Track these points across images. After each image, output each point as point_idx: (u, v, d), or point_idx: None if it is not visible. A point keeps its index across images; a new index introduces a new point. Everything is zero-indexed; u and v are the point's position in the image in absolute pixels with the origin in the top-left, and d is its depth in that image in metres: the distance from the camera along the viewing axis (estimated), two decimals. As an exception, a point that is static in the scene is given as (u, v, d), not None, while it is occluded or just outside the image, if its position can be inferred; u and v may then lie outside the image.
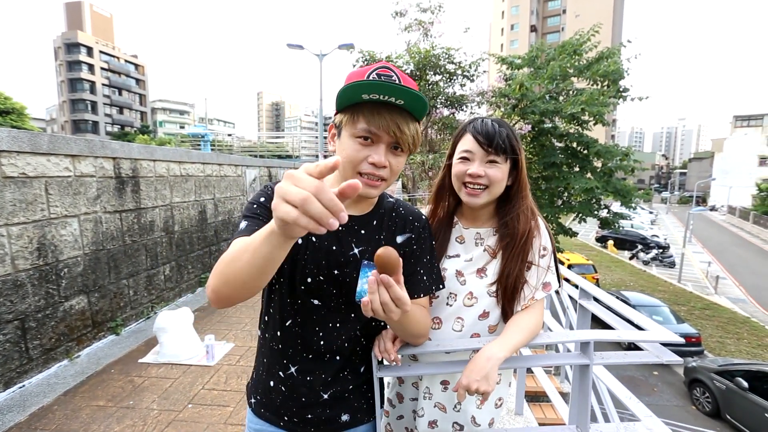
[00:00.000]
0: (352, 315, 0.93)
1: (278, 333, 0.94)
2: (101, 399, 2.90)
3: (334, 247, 0.90)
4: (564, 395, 3.07)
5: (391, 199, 1.01)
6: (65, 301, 3.48)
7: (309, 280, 0.90)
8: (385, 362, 1.03)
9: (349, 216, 0.92)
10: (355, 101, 0.80)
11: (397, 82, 0.81)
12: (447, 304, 1.11)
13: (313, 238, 0.90)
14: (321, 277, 0.90)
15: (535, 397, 3.54)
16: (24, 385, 3.04)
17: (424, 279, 0.97)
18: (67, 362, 3.42)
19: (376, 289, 0.71)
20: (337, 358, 0.95)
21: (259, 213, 0.85)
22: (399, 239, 0.95)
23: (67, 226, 3.52)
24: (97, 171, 3.86)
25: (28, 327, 3.12)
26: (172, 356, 3.47)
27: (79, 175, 3.64)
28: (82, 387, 3.07)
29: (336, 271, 0.90)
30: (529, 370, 3.24)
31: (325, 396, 0.95)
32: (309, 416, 0.95)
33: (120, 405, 2.82)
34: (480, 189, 1.05)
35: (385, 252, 0.71)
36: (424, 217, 1.03)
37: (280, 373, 0.95)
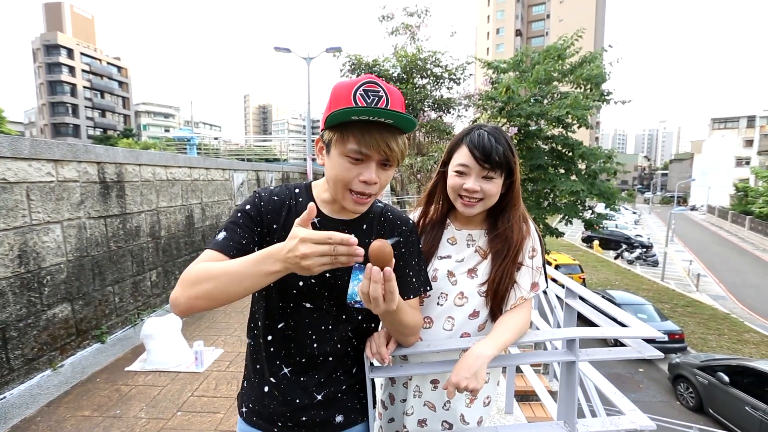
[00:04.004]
0: (343, 317, 0.95)
1: (270, 337, 0.94)
2: (87, 409, 2.84)
3: None
4: (553, 394, 3.12)
5: (379, 204, 1.02)
6: (48, 310, 3.40)
7: (300, 283, 0.91)
8: (377, 363, 1.05)
9: (339, 221, 0.94)
10: (344, 120, 0.81)
11: (383, 96, 0.82)
12: (438, 303, 1.13)
13: None
14: (312, 281, 0.91)
15: (525, 396, 3.59)
16: (5, 397, 2.95)
17: (413, 281, 0.99)
18: (51, 372, 3.34)
19: (377, 279, 0.74)
20: (330, 359, 0.96)
21: (241, 222, 0.89)
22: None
23: (50, 233, 3.44)
24: (80, 176, 3.79)
25: (9, 337, 3.04)
26: (160, 363, 3.42)
27: (62, 181, 3.57)
28: (67, 397, 3.00)
29: (327, 274, 0.91)
30: (519, 370, 3.28)
31: (319, 397, 0.96)
32: (303, 419, 0.96)
33: (106, 414, 2.76)
34: (475, 200, 1.08)
35: (379, 245, 0.74)
36: (411, 221, 1.05)
37: (272, 378, 0.95)
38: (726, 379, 7.02)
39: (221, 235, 0.88)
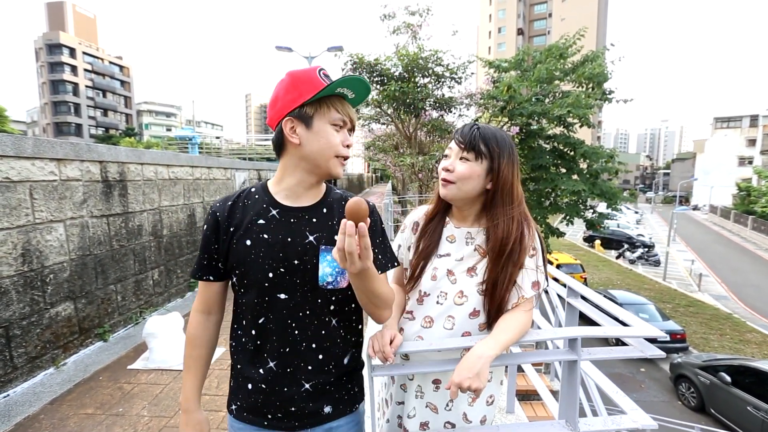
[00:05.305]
0: (319, 301, 0.97)
1: (253, 332, 0.97)
2: (89, 407, 2.85)
3: (289, 239, 0.95)
4: (554, 393, 3.12)
5: (338, 191, 1.08)
6: (51, 308, 3.41)
7: (270, 275, 0.94)
8: (378, 362, 1.05)
9: (299, 207, 0.98)
10: (328, 94, 0.93)
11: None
12: (438, 302, 1.13)
13: (265, 235, 0.95)
14: (282, 270, 0.94)
15: (526, 396, 3.59)
16: (8, 395, 2.97)
17: (379, 257, 1.02)
18: (54, 370, 3.35)
19: (352, 232, 0.78)
20: (314, 346, 0.97)
21: (203, 246, 1.02)
22: None
23: (53, 231, 3.46)
24: (83, 175, 3.80)
25: (13, 335, 3.05)
26: (162, 362, 3.43)
27: (64, 179, 3.58)
28: (70, 395, 3.01)
29: (296, 261, 0.94)
30: (520, 369, 3.28)
31: (307, 386, 0.97)
32: (292, 409, 0.97)
33: (109, 412, 2.78)
34: (449, 181, 1.11)
35: (356, 201, 0.77)
36: (371, 203, 1.10)
37: (261, 370, 0.97)
38: (728, 379, 7.01)
39: (196, 260, 1.03)
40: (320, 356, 0.98)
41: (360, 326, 1.08)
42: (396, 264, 1.08)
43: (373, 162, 15.09)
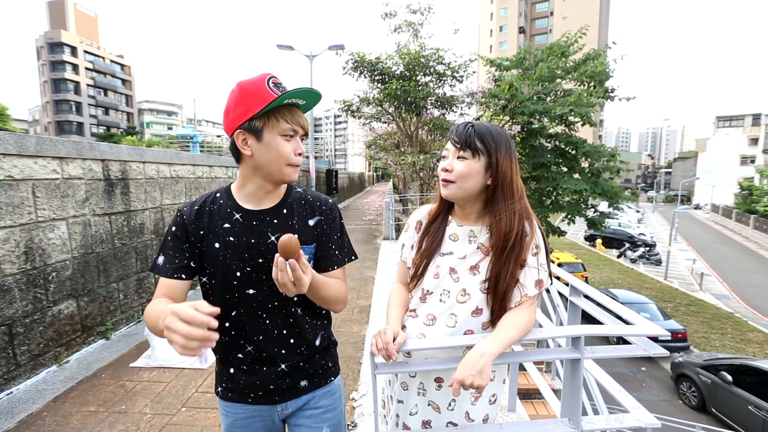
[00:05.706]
0: (284, 294, 1.01)
1: (227, 324, 1.04)
2: (92, 404, 2.86)
3: (252, 240, 1.01)
4: (556, 392, 3.11)
5: (299, 189, 1.12)
6: (54, 306, 3.42)
7: (238, 274, 1.01)
8: (381, 360, 1.05)
9: (260, 210, 1.03)
10: (276, 105, 0.94)
11: (286, 85, 0.98)
12: (440, 300, 1.13)
13: (231, 238, 1.01)
14: (249, 269, 1.01)
15: (528, 395, 3.59)
16: (12, 392, 2.98)
17: (336, 253, 1.09)
18: (56, 368, 3.36)
19: (283, 268, 0.83)
20: (285, 332, 1.05)
21: (171, 245, 1.02)
22: (311, 222, 1.08)
23: (55, 230, 3.47)
24: (85, 173, 3.81)
25: (16, 332, 3.07)
26: (165, 360, 3.44)
27: (67, 178, 3.59)
28: (72, 393, 3.02)
29: (261, 260, 1.01)
30: (522, 368, 3.28)
31: (283, 366, 1.06)
32: (271, 387, 1.06)
33: (112, 410, 2.79)
34: (449, 181, 1.11)
35: (285, 239, 0.81)
36: (330, 200, 1.14)
37: (239, 355, 1.05)
38: (729, 378, 7.00)
39: (160, 260, 1.02)
40: (292, 341, 1.06)
41: (325, 311, 1.15)
42: (354, 257, 1.14)
43: (374, 161, 15.07)
